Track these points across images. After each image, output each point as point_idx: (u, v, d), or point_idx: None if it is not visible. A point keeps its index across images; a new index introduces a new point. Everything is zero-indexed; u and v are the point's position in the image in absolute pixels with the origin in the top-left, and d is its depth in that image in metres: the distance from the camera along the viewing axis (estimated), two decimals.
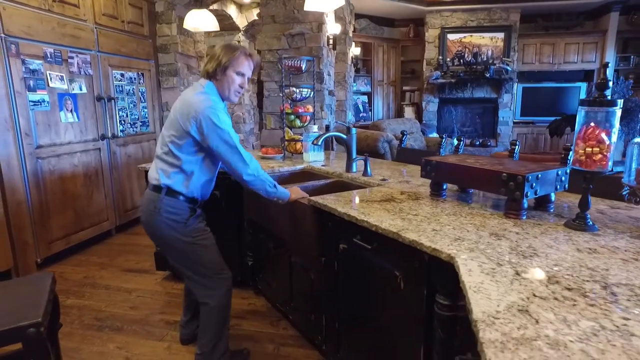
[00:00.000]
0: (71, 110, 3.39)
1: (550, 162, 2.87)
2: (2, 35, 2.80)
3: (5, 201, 2.88)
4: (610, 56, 6.83)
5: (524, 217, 1.37)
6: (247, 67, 1.75)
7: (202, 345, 1.83)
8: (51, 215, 3.25)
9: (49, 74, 3.14)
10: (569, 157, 1.78)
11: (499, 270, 0.95)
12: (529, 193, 1.33)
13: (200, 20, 3.30)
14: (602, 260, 1.00)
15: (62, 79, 3.26)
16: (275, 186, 1.77)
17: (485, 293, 0.84)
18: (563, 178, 1.42)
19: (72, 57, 3.34)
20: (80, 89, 3.47)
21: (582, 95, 7.12)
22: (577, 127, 1.22)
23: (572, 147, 1.80)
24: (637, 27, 6.94)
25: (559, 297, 0.81)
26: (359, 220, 1.41)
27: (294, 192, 1.85)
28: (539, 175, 1.34)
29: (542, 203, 1.48)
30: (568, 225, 1.26)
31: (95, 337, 2.30)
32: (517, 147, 2.20)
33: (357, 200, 1.67)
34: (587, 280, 0.88)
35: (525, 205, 1.37)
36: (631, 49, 7.07)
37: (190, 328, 2.16)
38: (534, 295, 0.82)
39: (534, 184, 1.33)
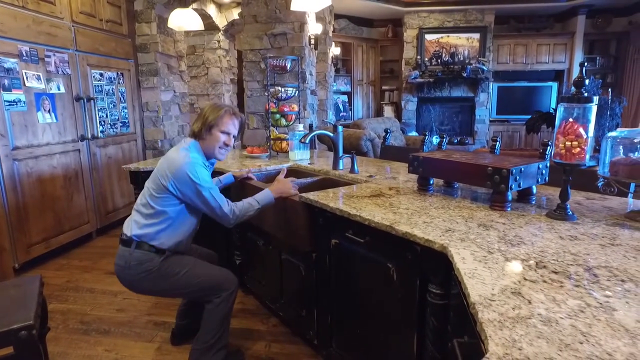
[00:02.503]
0: (49, 111, 3.30)
1: (528, 159, 3.00)
2: None
3: None
4: (579, 57, 7.13)
5: (508, 209, 1.44)
6: (231, 126, 1.82)
7: (200, 341, 1.83)
8: (29, 218, 3.16)
9: (25, 73, 3.06)
10: (547, 152, 1.87)
11: (490, 257, 1.01)
12: (513, 186, 1.40)
13: (184, 20, 3.28)
14: (583, 246, 1.07)
15: (38, 78, 3.18)
16: (258, 203, 1.82)
17: (480, 278, 0.89)
18: (544, 171, 1.49)
19: (49, 56, 3.26)
20: (58, 89, 3.39)
21: (554, 94, 7.40)
22: (557, 122, 1.30)
23: (550, 143, 1.89)
24: (601, 30, 7.27)
25: (547, 280, 0.86)
26: (351, 215, 1.44)
27: (281, 185, 1.88)
28: (522, 169, 1.41)
29: (524, 195, 1.55)
30: (550, 215, 1.34)
31: (82, 340, 2.26)
32: (498, 143, 2.29)
33: (347, 196, 1.71)
34: (571, 264, 0.95)
35: (510, 198, 1.44)
36: (597, 51, 7.40)
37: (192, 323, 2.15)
38: (525, 279, 0.88)
39: (518, 177, 1.40)
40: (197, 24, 3.38)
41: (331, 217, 1.59)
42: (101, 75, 3.89)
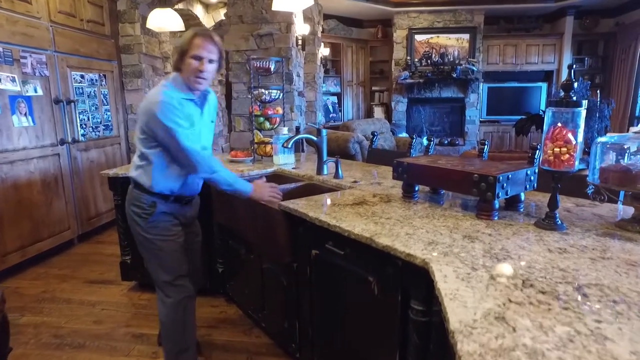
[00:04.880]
0: (25, 114, 3.19)
1: (517, 161, 2.94)
2: None
3: None
4: (567, 58, 7.14)
5: (495, 218, 1.37)
6: (203, 49, 1.58)
7: (164, 356, 1.79)
8: (4, 225, 3.04)
9: None
10: (536, 157, 1.81)
11: (474, 275, 0.94)
12: (500, 193, 1.33)
13: (164, 20, 3.18)
14: (572, 260, 1.01)
15: (13, 80, 3.06)
16: (234, 183, 1.73)
17: (461, 300, 0.82)
18: (532, 177, 1.43)
19: (24, 57, 3.14)
20: (35, 91, 3.27)
21: (543, 95, 7.40)
22: (545, 127, 1.23)
23: (538, 147, 1.84)
24: (589, 31, 7.29)
25: (534, 302, 0.80)
26: (331, 226, 1.37)
27: (258, 189, 1.78)
28: (510, 176, 1.35)
29: (512, 203, 1.49)
30: (538, 225, 1.27)
31: (54, 356, 2.15)
32: (486, 146, 2.23)
33: (328, 204, 1.64)
34: (560, 282, 0.88)
35: (497, 206, 1.38)
36: (585, 51, 7.42)
37: None
38: (510, 300, 0.81)
39: (505, 185, 1.34)
40: (178, 25, 3.28)
41: (311, 227, 1.52)
42: (82, 77, 3.77)
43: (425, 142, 7.02)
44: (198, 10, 5.67)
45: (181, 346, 1.82)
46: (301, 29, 4.47)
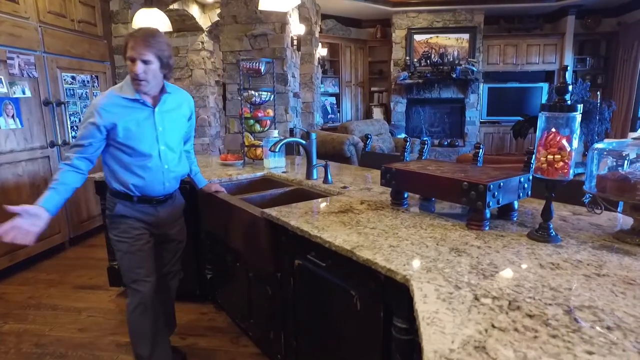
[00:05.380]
0: (13, 116, 3.13)
1: (515, 164, 2.87)
2: None
3: None
4: (569, 58, 7.04)
5: (486, 228, 1.30)
6: (133, 51, 1.53)
7: None
8: None
9: None
10: (532, 162, 1.73)
11: (457, 295, 0.86)
12: (491, 203, 1.26)
13: (150, 20, 3.10)
14: (565, 277, 0.93)
15: (0, 81, 3.00)
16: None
17: (440, 325, 0.74)
18: (526, 185, 1.36)
19: (11, 58, 3.08)
20: (24, 93, 3.21)
21: (544, 95, 7.30)
22: (537, 133, 1.16)
23: (534, 151, 1.76)
24: (591, 31, 7.19)
25: (519, 328, 0.72)
26: (312, 236, 1.30)
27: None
28: (501, 184, 1.27)
29: (505, 211, 1.42)
30: (531, 236, 1.20)
31: None
32: (481, 150, 2.16)
33: (312, 212, 1.57)
34: (550, 304, 0.81)
35: (488, 216, 1.30)
36: (587, 51, 7.32)
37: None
38: (493, 326, 0.73)
39: (496, 193, 1.27)
40: (165, 25, 3.21)
41: (293, 236, 1.44)
42: (73, 78, 3.71)
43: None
44: (194, 10, 5.60)
45: (141, 353, 1.78)
46: (296, 29, 4.40)
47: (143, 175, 1.69)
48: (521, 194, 1.37)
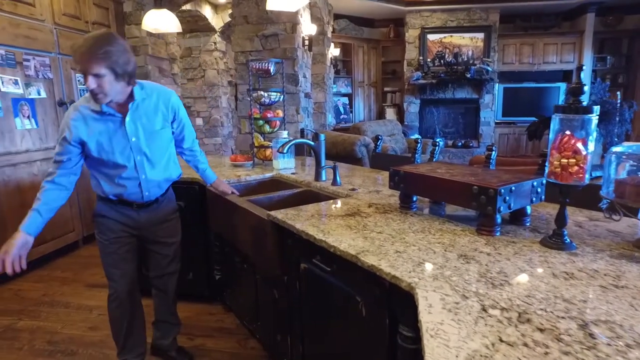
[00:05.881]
0: (28, 117, 3.18)
1: (530, 167, 2.79)
2: None
3: None
4: (588, 57, 6.86)
5: (497, 234, 1.25)
6: (79, 65, 1.42)
7: None
8: (7, 228, 3.02)
9: (0, 77, 2.93)
10: (547, 164, 1.68)
11: (464, 305, 0.83)
12: (501, 208, 1.21)
13: (160, 21, 3.12)
14: (580, 288, 0.89)
15: (16, 82, 3.05)
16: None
17: (444, 338, 0.71)
18: (539, 189, 1.31)
19: (27, 60, 3.14)
20: (39, 94, 3.26)
21: (562, 96, 7.14)
22: (551, 135, 1.11)
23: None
24: (612, 29, 6.99)
25: (528, 343, 0.68)
26: (316, 240, 1.27)
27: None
28: (513, 188, 1.23)
29: (517, 216, 1.37)
30: (544, 243, 1.15)
31: None
32: (493, 152, 2.10)
33: (319, 214, 1.54)
34: (562, 317, 0.77)
35: (499, 221, 1.26)
36: (607, 50, 7.12)
37: (161, 338, 2.10)
38: (501, 340, 0.70)
39: (507, 198, 1.22)
40: (174, 26, 3.22)
41: (299, 240, 1.42)
42: None
43: (441, 143, 6.85)
44: (207, 11, 5.64)
45: (116, 339, 1.90)
46: (308, 29, 4.38)
47: (124, 184, 1.68)
48: (534, 199, 1.32)
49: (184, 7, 4.98)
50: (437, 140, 2.48)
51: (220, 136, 6.53)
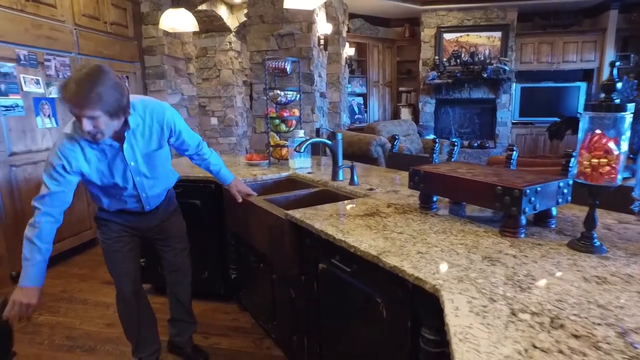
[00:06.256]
0: (49, 116, 3.24)
1: (551, 168, 2.73)
2: None
3: None
4: (610, 55, 6.69)
5: (522, 236, 1.22)
6: (75, 108, 1.32)
7: None
8: (27, 225, 3.08)
9: (23, 77, 2.99)
10: (570, 165, 1.63)
11: (492, 308, 0.80)
12: (526, 209, 1.18)
13: (177, 20, 3.14)
14: (614, 293, 0.85)
15: (37, 82, 3.11)
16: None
17: (474, 343, 0.69)
18: (565, 190, 1.27)
19: (49, 60, 3.19)
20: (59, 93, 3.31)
21: (582, 95, 6.98)
22: (580, 134, 1.07)
23: (574, 154, 1.65)
24: (637, 26, 6.80)
25: (564, 350, 0.66)
26: (336, 240, 1.26)
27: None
28: (539, 189, 1.19)
29: (542, 217, 1.33)
30: (572, 245, 1.11)
31: (65, 359, 2.14)
32: (514, 153, 2.05)
33: (338, 214, 1.52)
34: (599, 324, 0.73)
35: (524, 222, 1.22)
36: (631, 48, 6.92)
37: (177, 336, 2.11)
38: (534, 346, 0.67)
39: (533, 199, 1.19)
40: (191, 25, 3.23)
41: (317, 239, 1.41)
42: None
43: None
44: (222, 11, 5.67)
45: (128, 336, 1.92)
46: (323, 28, 4.37)
47: (125, 200, 1.69)
48: (560, 200, 1.28)
49: (199, 7, 5.01)
50: (455, 140, 2.44)
51: (235, 136, 6.57)
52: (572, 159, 1.64)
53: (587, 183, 1.05)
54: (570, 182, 1.28)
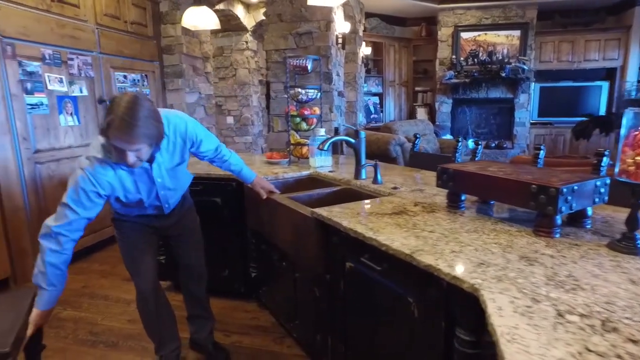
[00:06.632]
0: (71, 114, 3.29)
1: (576, 168, 2.67)
2: None
3: (2, 208, 2.79)
4: (635, 53, 6.51)
5: (557, 236, 1.19)
6: (122, 143, 1.35)
7: None
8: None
9: (48, 76, 3.04)
10: (602, 164, 1.59)
11: (537, 308, 0.78)
12: (563, 208, 1.15)
13: (199, 18, 3.16)
14: None
15: (61, 81, 3.16)
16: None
17: (523, 344, 0.67)
18: (602, 190, 1.23)
19: (72, 59, 3.24)
20: (81, 92, 3.37)
21: (604, 95, 6.82)
22: (623, 131, 1.04)
23: (606, 152, 1.61)
24: None
25: (622, 355, 0.63)
26: (366, 238, 1.24)
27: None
28: (575, 188, 1.16)
29: (576, 218, 1.29)
30: (612, 247, 1.08)
31: (89, 354, 2.17)
32: (541, 152, 2.01)
33: (365, 212, 1.51)
34: None
35: (559, 222, 1.19)
36: None
37: (196, 333, 2.12)
38: (588, 349, 0.64)
39: (569, 198, 1.15)
40: (213, 23, 3.25)
41: (345, 237, 1.39)
42: (125, 77, 3.86)
43: (471, 145, 6.68)
44: (239, 10, 5.69)
45: (150, 334, 1.92)
46: (341, 27, 4.36)
47: (146, 207, 1.72)
48: (597, 200, 1.24)
49: (217, 7, 5.04)
50: (476, 140, 2.40)
51: (251, 135, 6.59)
52: (604, 158, 1.59)
53: (631, 182, 1.01)
54: (608, 181, 1.24)
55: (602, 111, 6.77)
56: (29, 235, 2.97)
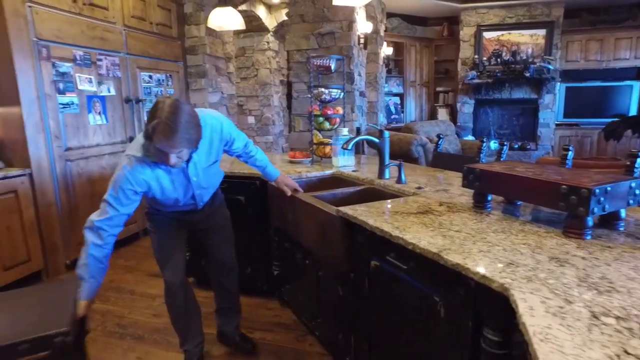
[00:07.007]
0: (99, 113, 3.39)
1: (606, 170, 2.60)
2: (34, 39, 2.81)
3: (36, 203, 2.90)
4: None
5: (588, 237, 1.17)
6: (166, 147, 1.43)
7: None
8: (79, 217, 3.24)
9: (78, 76, 3.14)
10: (636, 165, 1.55)
11: (569, 310, 0.77)
12: (595, 209, 1.13)
13: (224, 19, 3.21)
14: None
15: (90, 81, 3.26)
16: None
17: (557, 344, 0.66)
18: (637, 191, 1.20)
19: (100, 60, 3.34)
20: (109, 91, 3.46)
21: (635, 95, 6.59)
22: None
23: (639, 154, 1.57)
24: None
25: None
26: (393, 237, 1.24)
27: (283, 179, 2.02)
28: (609, 189, 1.14)
29: (608, 220, 1.27)
30: None
31: (117, 345, 2.24)
32: (570, 152, 1.98)
33: (390, 212, 1.51)
34: None
35: (590, 223, 1.17)
36: None
37: (224, 325, 2.17)
38: (626, 352, 0.64)
39: (602, 199, 1.13)
40: (238, 23, 3.30)
41: (371, 236, 1.40)
42: (150, 77, 3.95)
43: (493, 145, 6.57)
44: (261, 11, 5.75)
45: (177, 328, 1.98)
46: (363, 27, 4.36)
47: (181, 205, 1.77)
48: (631, 202, 1.21)
49: (239, 8, 5.11)
50: (496, 140, 2.37)
51: (272, 134, 6.65)
52: (639, 159, 1.55)
53: None
54: None
55: (633, 111, 6.55)
56: (60, 229, 3.07)
